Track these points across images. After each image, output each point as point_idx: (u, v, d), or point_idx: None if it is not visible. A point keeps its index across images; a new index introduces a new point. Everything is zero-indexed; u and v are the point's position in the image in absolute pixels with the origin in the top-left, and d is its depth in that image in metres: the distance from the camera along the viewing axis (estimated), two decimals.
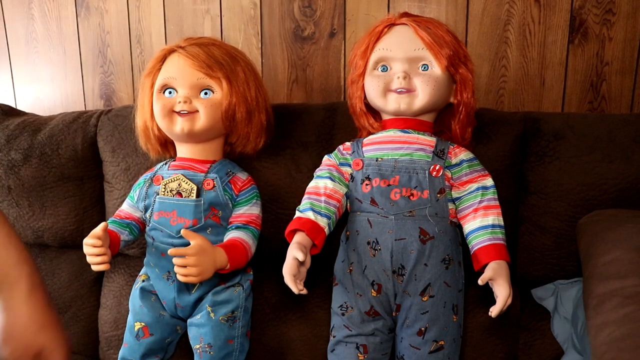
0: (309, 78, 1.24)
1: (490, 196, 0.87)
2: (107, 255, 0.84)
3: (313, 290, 0.99)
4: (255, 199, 0.97)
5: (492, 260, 0.82)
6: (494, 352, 0.94)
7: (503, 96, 1.16)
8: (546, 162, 0.94)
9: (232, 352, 0.94)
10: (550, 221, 0.93)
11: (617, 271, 0.75)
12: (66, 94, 1.46)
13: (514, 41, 1.13)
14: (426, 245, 0.84)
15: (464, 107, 0.90)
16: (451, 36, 0.88)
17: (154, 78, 0.95)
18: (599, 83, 1.11)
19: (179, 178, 0.93)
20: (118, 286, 1.10)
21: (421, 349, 0.85)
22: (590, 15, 1.09)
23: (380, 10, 1.17)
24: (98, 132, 1.12)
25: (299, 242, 0.84)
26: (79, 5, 1.38)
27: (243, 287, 0.96)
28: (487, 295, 0.91)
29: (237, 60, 0.95)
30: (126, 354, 0.95)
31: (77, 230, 1.13)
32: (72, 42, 1.41)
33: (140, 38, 1.34)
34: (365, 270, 0.87)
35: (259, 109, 0.97)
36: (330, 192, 0.90)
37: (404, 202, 0.85)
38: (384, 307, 0.88)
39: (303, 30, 1.23)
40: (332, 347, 0.91)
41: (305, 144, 1.01)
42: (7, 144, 1.14)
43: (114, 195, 1.09)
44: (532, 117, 0.97)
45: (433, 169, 0.86)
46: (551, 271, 0.95)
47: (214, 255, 0.84)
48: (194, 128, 0.92)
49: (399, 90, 0.87)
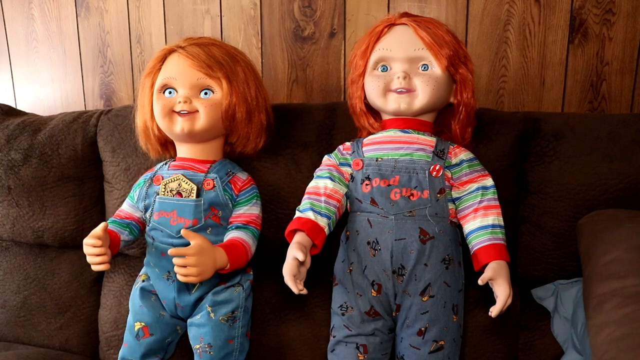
0: (309, 78, 1.24)
1: (490, 196, 0.87)
2: (107, 255, 0.84)
3: (313, 290, 0.99)
4: (255, 199, 0.97)
5: (492, 260, 0.82)
6: (494, 352, 0.94)
7: (503, 96, 1.16)
8: (546, 162, 0.94)
9: (232, 352, 0.94)
10: (550, 221, 0.93)
11: (617, 271, 0.75)
12: (66, 94, 1.45)
13: (514, 41, 1.13)
14: (426, 245, 0.84)
15: (464, 107, 0.90)
16: (451, 36, 0.87)
17: (154, 78, 0.95)
18: (599, 83, 1.11)
19: (179, 178, 0.93)
20: (118, 286, 1.10)
21: (421, 349, 0.85)
22: (590, 15, 1.09)
23: (380, 10, 1.17)
24: (98, 132, 1.12)
25: (299, 242, 0.84)
26: (79, 5, 1.38)
27: (243, 287, 0.96)
28: (487, 295, 0.91)
29: (237, 60, 0.95)
30: (126, 354, 0.95)
31: (77, 230, 1.13)
32: (72, 42, 1.41)
33: (140, 38, 1.34)
34: (365, 270, 0.87)
35: (259, 109, 0.97)
36: (330, 192, 0.90)
37: (404, 202, 0.85)
38: (384, 307, 0.88)
39: (303, 30, 1.22)
40: (332, 347, 0.91)
41: (305, 144, 1.01)
42: (7, 144, 1.14)
43: (114, 195, 1.09)
44: (532, 117, 0.97)
45: (433, 169, 0.86)
46: (551, 271, 0.95)
47: (214, 255, 0.84)
48: (194, 128, 0.92)
49: (399, 90, 0.87)
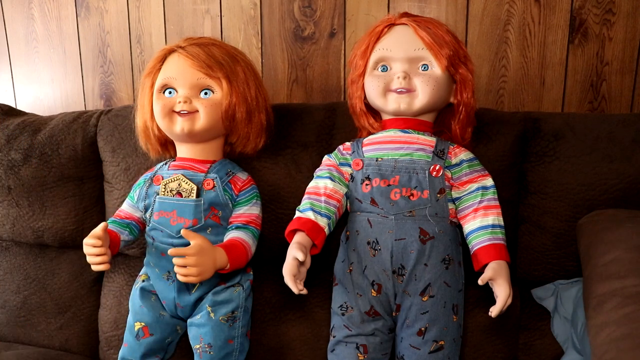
0: (309, 78, 1.24)
1: (490, 196, 0.87)
2: (107, 255, 0.84)
3: (313, 290, 0.99)
4: (255, 199, 0.97)
5: (492, 260, 0.82)
6: (494, 352, 0.94)
7: (503, 96, 1.16)
8: (546, 162, 0.94)
9: (232, 352, 0.94)
10: (550, 221, 0.93)
11: (617, 271, 0.75)
12: (66, 94, 1.45)
13: (514, 41, 1.13)
14: (426, 245, 0.84)
15: (464, 107, 0.90)
16: (451, 36, 0.87)
17: (154, 78, 0.95)
18: (599, 83, 1.11)
19: (179, 178, 0.93)
20: (118, 286, 1.10)
21: (421, 349, 0.85)
22: (590, 15, 1.09)
23: (380, 10, 1.17)
24: (98, 132, 1.12)
25: (299, 242, 0.84)
26: (79, 5, 1.38)
27: (243, 287, 0.96)
28: (487, 295, 0.91)
29: (237, 60, 0.95)
30: (126, 354, 0.95)
31: (77, 230, 1.13)
32: (72, 42, 1.41)
33: (140, 38, 1.34)
34: (365, 270, 0.87)
35: (259, 109, 0.97)
36: (330, 192, 0.90)
37: (404, 202, 0.85)
38: (384, 307, 0.88)
39: (303, 30, 1.22)
40: (332, 347, 0.91)
41: (305, 144, 1.01)
42: (7, 144, 1.14)
43: (114, 195, 1.09)
44: (532, 117, 0.97)
45: (433, 169, 0.86)
46: (551, 271, 0.95)
47: (214, 255, 0.84)
48: (194, 128, 0.92)
49: (399, 90, 0.87)
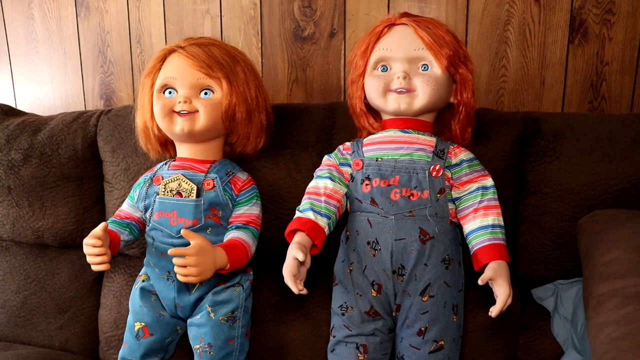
0: (309, 78, 1.24)
1: (490, 196, 0.87)
2: (107, 255, 0.84)
3: (313, 290, 0.99)
4: (255, 199, 0.97)
5: (492, 260, 0.82)
6: (494, 352, 0.94)
7: (503, 96, 1.16)
8: (546, 162, 0.94)
9: (232, 352, 0.94)
10: (550, 221, 0.93)
11: (617, 271, 0.75)
12: (66, 94, 1.45)
13: (514, 41, 1.13)
14: (426, 245, 0.84)
15: (464, 107, 0.90)
16: (451, 36, 0.87)
17: (154, 78, 0.95)
18: (599, 83, 1.11)
19: (179, 178, 0.93)
20: (118, 286, 1.10)
21: (421, 349, 0.85)
22: (590, 15, 1.09)
23: (380, 10, 1.17)
24: (98, 132, 1.12)
25: (299, 242, 0.84)
26: (79, 5, 1.38)
27: (243, 287, 0.96)
28: (487, 295, 0.91)
29: (237, 60, 0.95)
30: (126, 354, 0.95)
31: (77, 230, 1.13)
32: (72, 42, 1.41)
33: (140, 38, 1.34)
34: (365, 270, 0.87)
35: (259, 109, 0.97)
36: (330, 192, 0.90)
37: (404, 202, 0.85)
38: (384, 307, 0.88)
39: (303, 30, 1.22)
40: (332, 347, 0.91)
41: (305, 144, 1.01)
42: (7, 144, 1.14)
43: (114, 195, 1.09)
44: (532, 117, 0.97)
45: (433, 169, 0.86)
46: (551, 271, 0.95)
47: (214, 255, 0.84)
48: (194, 128, 0.92)
49: (399, 90, 0.87)
